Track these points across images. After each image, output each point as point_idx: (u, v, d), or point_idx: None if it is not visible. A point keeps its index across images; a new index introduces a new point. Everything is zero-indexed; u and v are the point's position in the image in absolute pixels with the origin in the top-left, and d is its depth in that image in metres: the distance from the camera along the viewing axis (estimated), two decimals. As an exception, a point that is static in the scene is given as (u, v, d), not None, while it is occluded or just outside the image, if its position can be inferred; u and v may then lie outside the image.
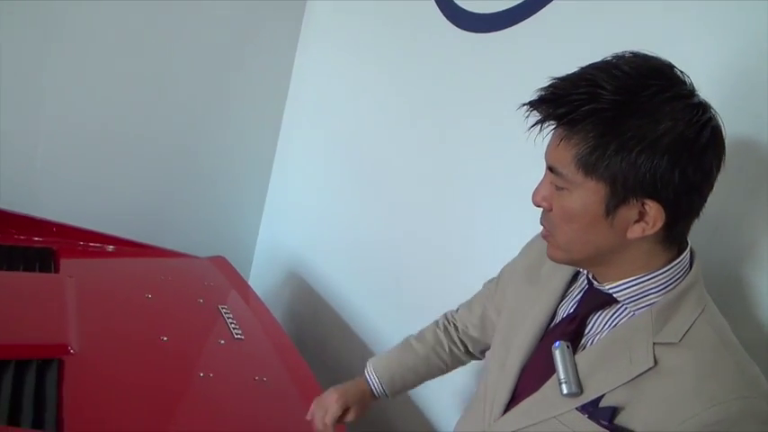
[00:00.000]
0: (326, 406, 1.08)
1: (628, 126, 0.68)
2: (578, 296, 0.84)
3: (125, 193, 2.12)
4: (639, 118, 0.68)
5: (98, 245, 1.68)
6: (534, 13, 1.31)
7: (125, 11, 1.94)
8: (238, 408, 1.14)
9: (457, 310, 1.16)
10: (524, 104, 0.74)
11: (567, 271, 0.86)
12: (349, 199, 1.95)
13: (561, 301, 0.86)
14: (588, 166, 0.71)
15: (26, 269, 1.40)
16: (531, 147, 0.76)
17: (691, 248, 0.78)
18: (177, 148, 2.18)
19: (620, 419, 0.73)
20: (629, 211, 0.72)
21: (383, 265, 1.76)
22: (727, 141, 0.74)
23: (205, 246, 1.97)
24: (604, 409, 0.74)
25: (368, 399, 1.12)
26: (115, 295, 1.41)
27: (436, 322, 1.16)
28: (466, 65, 1.50)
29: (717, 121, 0.72)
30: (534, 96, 0.73)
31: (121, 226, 1.93)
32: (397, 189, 1.74)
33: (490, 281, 1.11)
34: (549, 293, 0.87)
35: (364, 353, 1.76)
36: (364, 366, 1.12)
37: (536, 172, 0.81)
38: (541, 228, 0.81)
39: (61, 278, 1.37)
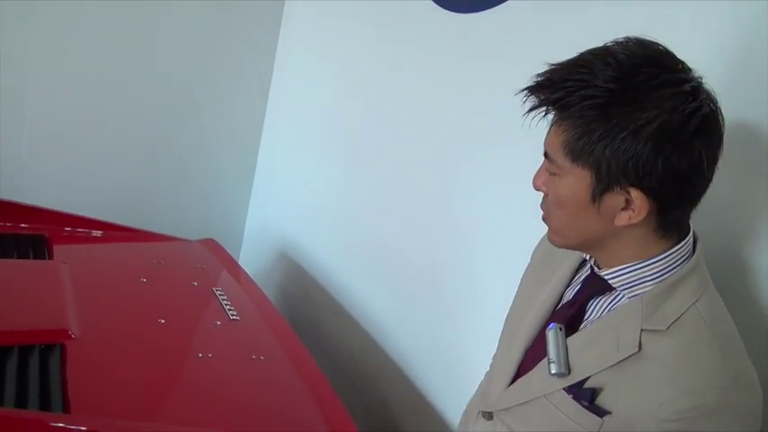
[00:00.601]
0: None
1: (614, 113, 0.68)
2: (581, 282, 0.86)
3: (112, 179, 2.12)
4: (626, 106, 0.68)
5: (89, 231, 1.70)
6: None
7: (108, 6, 1.93)
8: (237, 385, 1.18)
9: None
10: (522, 90, 0.74)
11: (576, 258, 0.88)
12: (336, 178, 1.98)
13: (568, 286, 0.88)
14: (575, 153, 0.72)
15: (20, 256, 1.42)
16: (517, 122, 0.75)
17: (694, 236, 0.77)
18: (163, 133, 2.18)
19: (600, 400, 0.75)
20: (614, 199, 0.72)
21: (372, 243, 1.80)
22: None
23: (194, 229, 1.99)
24: (586, 390, 0.76)
25: None
26: (110, 280, 1.43)
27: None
28: (450, 44, 1.52)
29: (709, 109, 0.70)
30: (531, 82, 0.73)
31: (111, 212, 1.93)
32: (383, 166, 1.77)
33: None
34: (557, 279, 0.88)
35: (356, 330, 1.81)
36: (356, 344, 1.10)
37: (523, 150, 0.83)
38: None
39: (56, 264, 1.39)
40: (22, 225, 1.62)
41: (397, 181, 1.71)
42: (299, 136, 2.20)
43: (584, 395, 0.76)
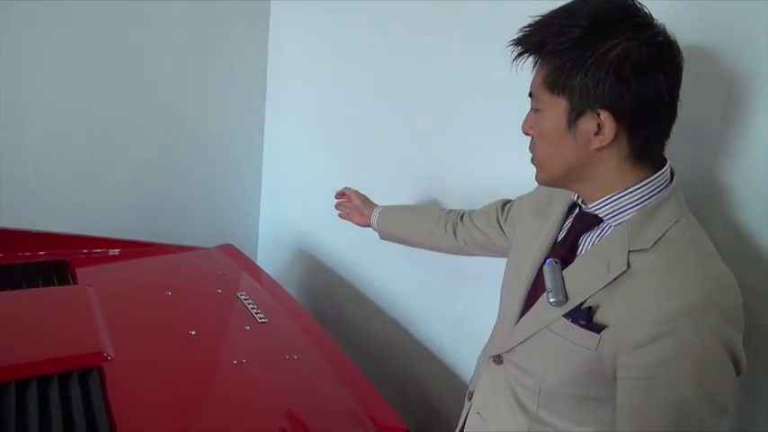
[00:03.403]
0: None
1: (585, 45, 0.77)
2: (572, 221, 0.94)
3: (122, 196, 2.13)
4: (595, 38, 0.77)
5: (106, 250, 1.71)
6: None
7: (101, 20, 1.94)
8: (276, 388, 1.20)
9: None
10: (510, 43, 0.83)
11: (565, 203, 0.96)
12: (343, 167, 1.98)
13: (560, 229, 0.96)
14: (552, 85, 0.81)
15: (45, 284, 1.43)
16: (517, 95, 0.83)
17: (671, 168, 0.85)
18: (167, 146, 2.18)
19: (596, 318, 0.82)
20: (587, 124, 0.80)
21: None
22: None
23: (209, 236, 2.00)
24: (583, 310, 0.83)
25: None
26: (137, 297, 1.44)
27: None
28: (442, 28, 1.51)
29: (665, 39, 0.78)
30: (517, 34, 0.83)
31: (124, 229, 1.95)
32: (388, 150, 1.77)
33: (502, 201, 1.22)
34: (551, 225, 0.96)
35: (382, 317, 1.82)
36: (383, 331, 1.15)
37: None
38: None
39: (82, 288, 1.40)
40: (41, 252, 1.64)
41: (404, 160, 1.71)
42: (302, 131, 2.19)
43: (582, 316, 0.83)
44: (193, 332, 1.31)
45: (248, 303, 1.47)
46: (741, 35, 0.93)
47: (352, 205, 1.48)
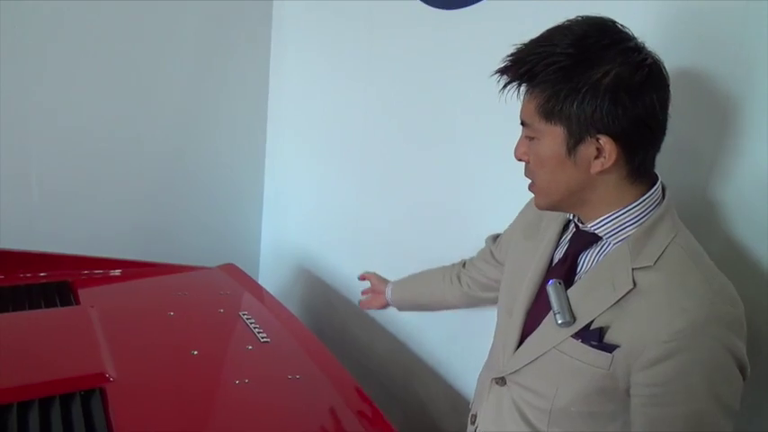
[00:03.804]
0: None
1: (575, 73, 0.79)
2: (568, 241, 0.95)
3: (123, 217, 2.14)
4: (584, 65, 0.79)
5: (107, 271, 1.71)
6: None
7: (102, 45, 1.97)
8: (279, 408, 1.19)
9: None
10: (495, 72, 0.85)
11: (559, 222, 0.97)
12: (342, 185, 1.99)
13: (556, 249, 0.97)
14: (547, 113, 0.83)
15: (47, 305, 1.43)
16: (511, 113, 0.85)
17: (662, 184, 0.88)
18: (167, 165, 2.20)
19: (608, 338, 0.84)
20: (587, 149, 0.82)
21: (388, 244, 1.81)
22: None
23: (211, 256, 2.00)
24: (593, 331, 0.85)
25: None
26: (139, 317, 1.44)
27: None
28: (441, 43, 1.53)
29: (653, 60, 0.81)
30: (501, 63, 0.85)
31: (127, 248, 1.96)
32: (389, 166, 1.78)
33: (492, 235, 1.24)
34: (545, 244, 0.97)
35: (382, 334, 1.82)
36: (385, 348, 1.16)
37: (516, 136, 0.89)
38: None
39: (84, 309, 1.40)
40: (42, 274, 1.64)
41: (403, 178, 1.72)
42: (303, 149, 2.21)
43: (593, 336, 0.84)
44: (196, 352, 1.31)
45: (250, 323, 1.46)
46: (733, 56, 0.95)
47: (373, 291, 1.50)
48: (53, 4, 1.87)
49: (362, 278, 1.54)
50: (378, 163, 1.83)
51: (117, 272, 1.72)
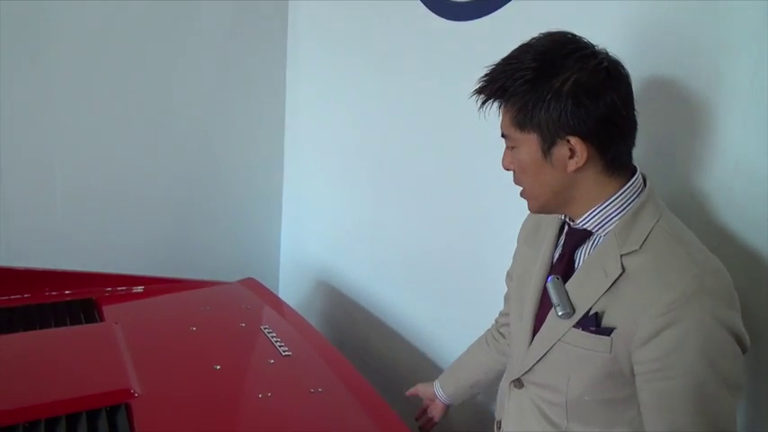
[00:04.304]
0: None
1: (540, 84, 0.86)
2: (564, 239, 1.01)
3: (145, 233, 2.17)
4: (547, 75, 0.86)
5: (130, 287, 1.73)
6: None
7: (125, 67, 2.02)
8: (302, 420, 1.19)
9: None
10: (472, 94, 0.92)
11: (555, 225, 1.02)
12: (361, 197, 2.00)
13: (555, 250, 1.02)
14: (521, 123, 0.90)
15: (72, 322, 1.45)
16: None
17: (642, 174, 0.93)
18: (188, 183, 2.23)
19: (605, 322, 0.89)
20: (560, 151, 0.88)
21: (406, 256, 1.81)
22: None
23: (231, 270, 2.02)
24: (590, 317, 0.90)
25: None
26: (162, 333, 1.45)
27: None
28: (460, 52, 1.54)
29: (609, 63, 0.87)
30: (476, 85, 0.92)
31: (148, 264, 1.98)
32: (407, 179, 1.78)
33: (508, 275, 1.23)
34: (545, 247, 1.02)
35: (403, 345, 1.81)
36: (407, 359, 1.16)
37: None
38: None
39: (109, 325, 1.42)
40: (67, 291, 1.67)
41: (424, 191, 1.72)
42: (320, 164, 2.22)
43: (590, 322, 0.90)
44: (218, 367, 1.32)
45: (272, 336, 1.47)
46: (707, 61, 1.02)
47: (427, 405, 1.44)
48: (64, 17, 1.90)
49: (409, 394, 1.47)
50: (396, 174, 1.83)
51: (140, 288, 1.74)
